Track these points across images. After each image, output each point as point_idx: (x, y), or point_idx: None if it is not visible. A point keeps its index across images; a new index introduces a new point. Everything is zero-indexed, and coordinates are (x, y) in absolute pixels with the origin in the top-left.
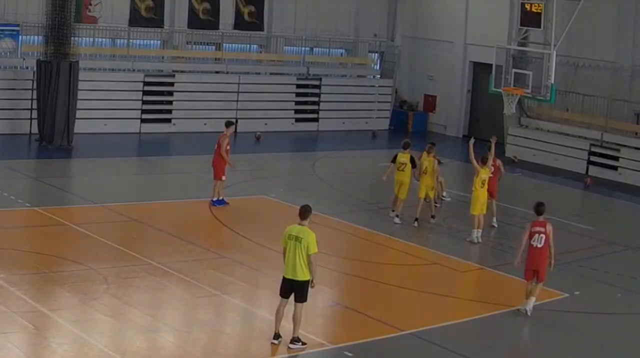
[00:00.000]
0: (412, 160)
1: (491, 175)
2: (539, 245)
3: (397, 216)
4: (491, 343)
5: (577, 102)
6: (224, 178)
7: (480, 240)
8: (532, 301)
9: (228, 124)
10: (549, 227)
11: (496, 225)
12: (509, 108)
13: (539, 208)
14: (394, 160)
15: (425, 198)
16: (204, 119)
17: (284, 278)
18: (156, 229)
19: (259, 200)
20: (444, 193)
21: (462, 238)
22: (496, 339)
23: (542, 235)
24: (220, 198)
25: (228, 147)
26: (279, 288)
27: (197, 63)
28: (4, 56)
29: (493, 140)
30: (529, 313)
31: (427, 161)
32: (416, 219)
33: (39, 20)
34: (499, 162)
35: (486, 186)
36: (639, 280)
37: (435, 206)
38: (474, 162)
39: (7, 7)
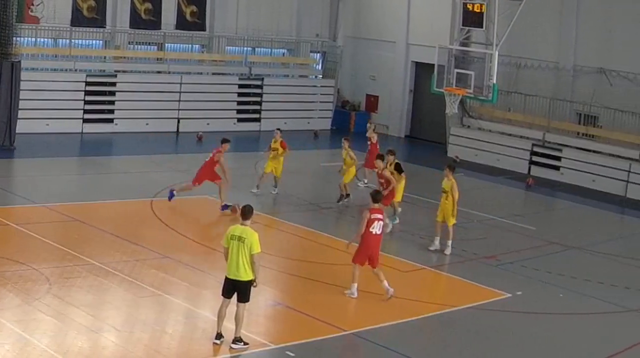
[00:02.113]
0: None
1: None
2: (377, 232)
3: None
4: (433, 343)
5: (519, 102)
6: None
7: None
8: (385, 283)
9: (224, 141)
10: (385, 215)
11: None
12: (451, 108)
13: (376, 196)
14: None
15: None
16: (146, 118)
17: (227, 279)
18: (99, 229)
19: (201, 200)
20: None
21: (404, 238)
22: (438, 339)
23: (380, 222)
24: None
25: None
26: (221, 288)
27: (139, 63)
28: None
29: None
30: (390, 295)
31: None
32: None
33: None
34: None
35: (448, 196)
36: (580, 280)
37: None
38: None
39: None
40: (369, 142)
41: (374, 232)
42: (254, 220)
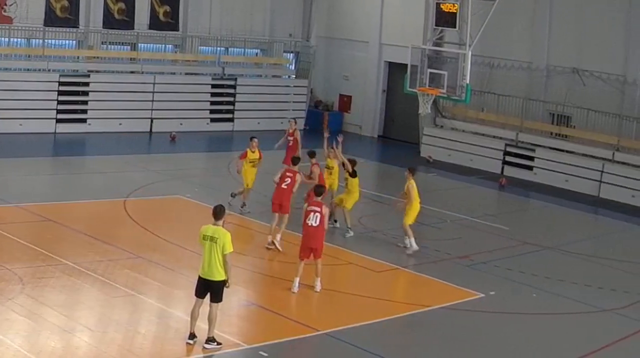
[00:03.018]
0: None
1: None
2: (314, 224)
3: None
4: (406, 343)
5: (493, 102)
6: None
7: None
8: (319, 280)
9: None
10: (325, 209)
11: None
12: (424, 108)
13: (317, 190)
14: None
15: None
16: (119, 118)
17: (200, 278)
18: (72, 229)
19: (174, 200)
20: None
21: (377, 239)
22: (411, 339)
23: (317, 213)
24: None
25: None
26: (194, 288)
27: (112, 63)
28: None
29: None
30: (317, 290)
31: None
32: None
33: None
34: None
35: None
36: (553, 280)
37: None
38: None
39: None
40: (290, 138)
41: (309, 223)
42: (227, 220)
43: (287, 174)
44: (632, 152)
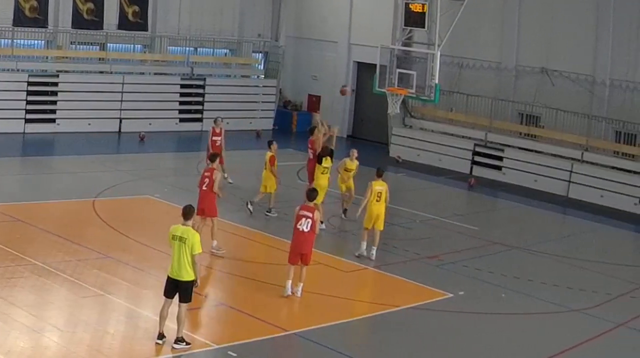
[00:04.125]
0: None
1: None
2: (305, 229)
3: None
4: (375, 343)
5: (462, 102)
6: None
7: (365, 253)
8: (301, 286)
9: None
10: (317, 214)
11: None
12: (393, 108)
13: (311, 194)
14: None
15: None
16: (88, 118)
17: (169, 278)
18: (41, 229)
19: (143, 200)
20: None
21: (346, 238)
22: (380, 339)
23: (308, 219)
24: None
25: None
26: (163, 288)
27: (81, 63)
28: None
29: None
30: (298, 295)
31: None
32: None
33: None
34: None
35: (382, 199)
36: (522, 280)
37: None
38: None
39: None
40: (217, 138)
41: (300, 229)
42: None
43: (205, 174)
44: (600, 152)
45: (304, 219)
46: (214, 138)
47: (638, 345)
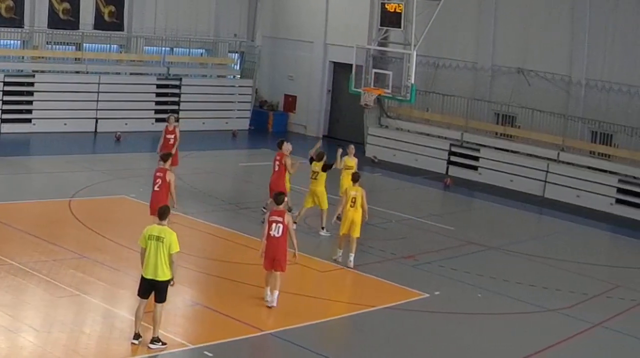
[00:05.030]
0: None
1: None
2: (277, 235)
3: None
4: (351, 343)
5: (438, 102)
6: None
7: (340, 260)
8: (275, 294)
9: (281, 143)
10: (287, 217)
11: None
12: (368, 100)
13: (278, 198)
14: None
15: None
16: (64, 119)
17: (144, 279)
18: (16, 229)
19: (119, 200)
20: None
21: (321, 239)
22: (356, 339)
23: (279, 224)
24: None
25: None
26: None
27: (57, 63)
28: None
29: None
30: (271, 304)
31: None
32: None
33: None
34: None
35: (357, 205)
36: (498, 280)
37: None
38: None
39: None
40: (170, 136)
41: (272, 235)
42: (172, 220)
43: (157, 174)
44: (576, 152)
45: (274, 224)
46: (167, 136)
47: (614, 344)
